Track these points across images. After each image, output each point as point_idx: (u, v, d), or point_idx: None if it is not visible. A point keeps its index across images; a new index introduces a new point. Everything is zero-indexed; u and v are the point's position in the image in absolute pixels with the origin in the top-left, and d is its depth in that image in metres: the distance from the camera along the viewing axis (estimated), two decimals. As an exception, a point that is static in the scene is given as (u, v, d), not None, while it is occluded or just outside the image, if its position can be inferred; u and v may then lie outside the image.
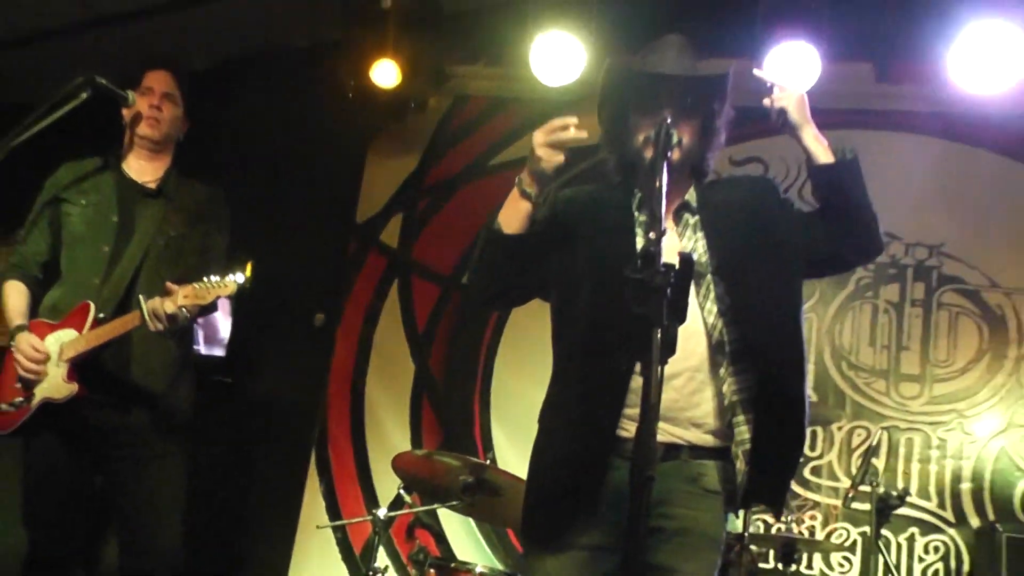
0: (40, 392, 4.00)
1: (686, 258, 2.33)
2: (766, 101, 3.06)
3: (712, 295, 2.89)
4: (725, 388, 2.85)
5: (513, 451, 5.78)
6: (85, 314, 4.02)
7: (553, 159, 2.85)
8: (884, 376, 5.82)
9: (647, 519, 2.35)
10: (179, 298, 3.89)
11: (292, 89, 6.22)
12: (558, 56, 5.66)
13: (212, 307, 4.02)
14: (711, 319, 2.87)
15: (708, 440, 2.88)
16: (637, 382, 2.57)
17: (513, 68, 5.91)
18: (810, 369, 5.67)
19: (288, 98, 6.22)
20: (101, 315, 4.01)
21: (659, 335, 2.24)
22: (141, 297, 3.92)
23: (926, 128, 6.06)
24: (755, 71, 3.06)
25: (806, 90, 5.33)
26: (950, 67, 5.48)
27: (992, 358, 5.79)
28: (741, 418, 2.85)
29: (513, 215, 2.93)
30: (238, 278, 3.92)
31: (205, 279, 3.90)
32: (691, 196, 3.05)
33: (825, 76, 5.52)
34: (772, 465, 2.87)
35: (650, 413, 2.24)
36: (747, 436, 2.84)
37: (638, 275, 2.27)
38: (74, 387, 3.98)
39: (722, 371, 2.86)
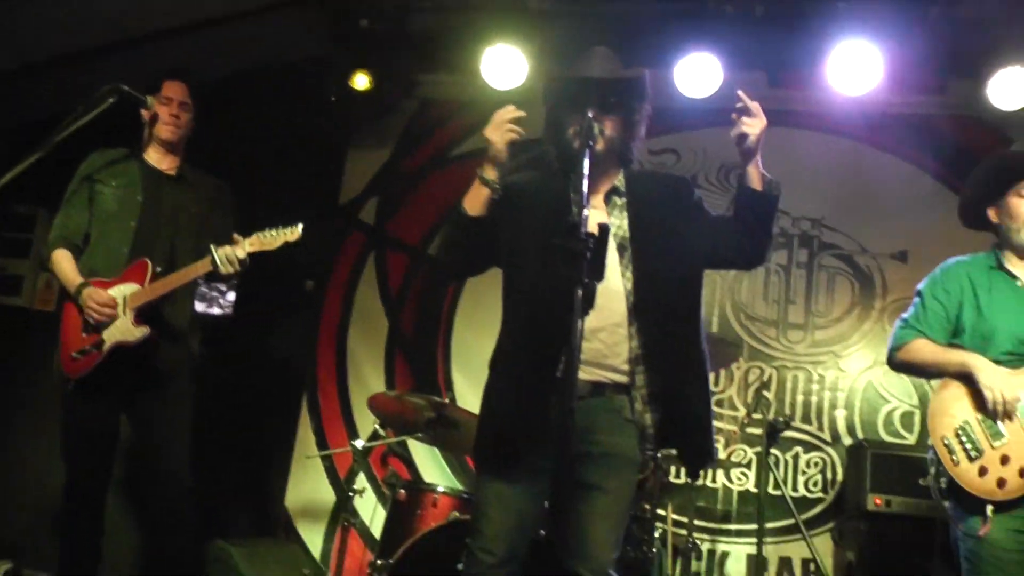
0: (110, 337, 3.97)
1: (603, 228, 2.41)
2: (738, 127, 2.95)
3: (631, 265, 2.95)
4: (633, 342, 2.92)
5: (470, 392, 5.87)
6: (144, 270, 4.03)
7: (503, 142, 2.89)
8: (775, 325, 5.94)
9: (571, 444, 2.44)
10: (248, 245, 3.95)
11: (285, 96, 6.23)
12: (505, 65, 5.73)
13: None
14: (629, 284, 2.95)
15: (626, 380, 2.95)
16: None
17: (468, 76, 5.93)
18: (714, 322, 5.84)
19: (282, 103, 6.22)
20: (158, 269, 4.03)
21: (580, 291, 2.30)
22: (213, 246, 3.94)
23: (809, 125, 6.16)
24: (739, 92, 2.97)
25: (710, 93, 5.51)
26: (827, 75, 5.62)
27: (862, 309, 5.93)
28: (641, 367, 2.93)
29: (475, 200, 2.98)
30: (299, 227, 3.97)
31: (268, 229, 3.97)
32: (620, 182, 3.11)
33: (727, 82, 5.63)
34: (677, 416, 2.95)
35: (572, 356, 2.30)
36: (643, 382, 2.92)
37: (563, 242, 2.34)
38: (146, 329, 3.99)
39: (633, 328, 2.93)
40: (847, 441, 5.68)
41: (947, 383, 3.17)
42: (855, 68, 5.52)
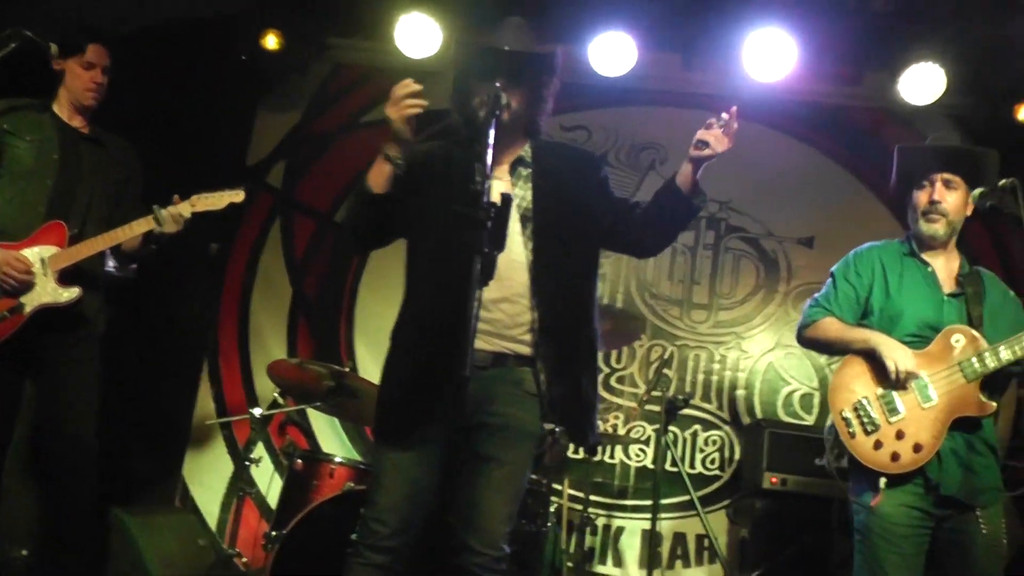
0: (32, 301, 3.82)
1: (506, 197, 2.39)
2: (709, 134, 2.95)
3: (533, 236, 2.94)
4: (534, 314, 2.92)
5: (372, 362, 5.82)
6: (60, 232, 3.89)
7: (402, 119, 2.84)
8: (679, 304, 6.01)
9: (465, 414, 2.42)
10: (195, 205, 3.91)
11: (194, 54, 6.04)
12: (419, 33, 5.66)
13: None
14: (531, 256, 2.93)
15: (528, 351, 2.93)
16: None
17: (382, 43, 5.86)
18: (619, 299, 5.88)
19: (191, 61, 6.04)
20: (75, 231, 3.91)
21: (480, 260, 2.28)
22: (156, 206, 3.87)
23: (721, 109, 6.14)
24: (733, 108, 2.98)
25: (624, 72, 5.53)
26: (742, 61, 5.69)
27: (766, 292, 6.04)
28: (541, 340, 2.92)
29: (378, 176, 2.92)
30: (242, 191, 4.00)
31: (213, 192, 3.96)
32: (526, 153, 3.08)
33: (642, 62, 5.68)
34: (569, 391, 2.95)
35: (468, 325, 2.29)
36: (545, 354, 2.92)
37: (465, 210, 2.31)
38: (76, 290, 3.87)
39: (535, 300, 2.92)
40: (746, 420, 5.79)
41: (849, 361, 3.26)
42: (770, 55, 5.59)
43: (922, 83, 5.67)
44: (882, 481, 3.07)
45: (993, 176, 3.27)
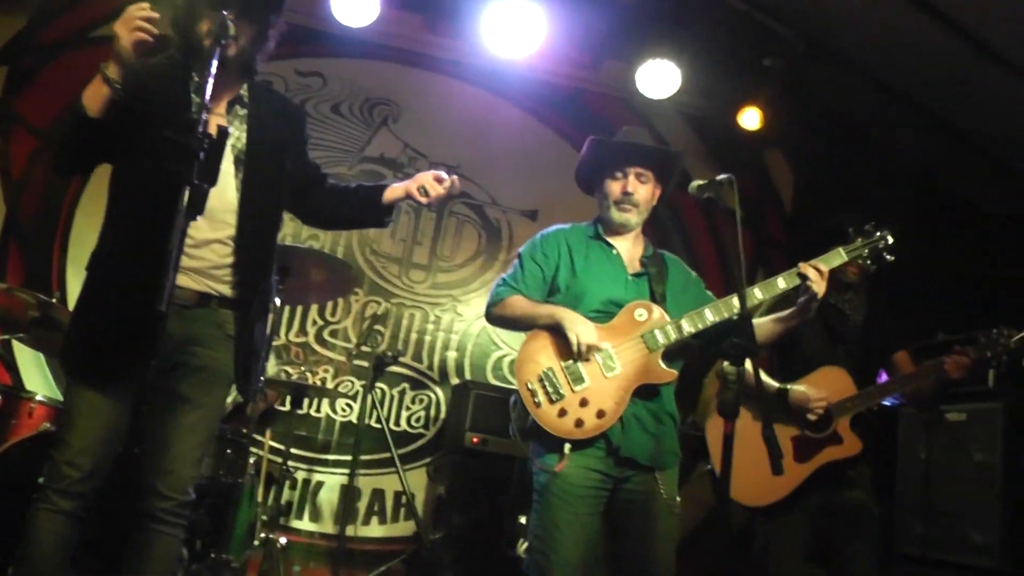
0: None
1: (222, 131, 2.30)
2: (433, 186, 3.00)
3: (243, 179, 2.87)
4: (239, 257, 2.86)
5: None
6: None
7: (130, 41, 2.66)
8: (399, 263, 6.03)
9: (162, 352, 2.31)
10: None
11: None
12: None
13: None
14: (239, 198, 2.86)
15: (231, 294, 2.86)
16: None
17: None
18: (339, 251, 5.83)
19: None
20: None
21: (188, 192, 2.18)
22: None
23: (461, 75, 6.31)
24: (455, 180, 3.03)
25: (366, 24, 5.45)
26: (485, 32, 5.75)
27: (486, 259, 6.19)
28: (239, 281, 2.87)
29: (95, 98, 2.72)
30: None
31: None
32: (244, 92, 2.98)
33: (385, 17, 5.65)
34: (248, 336, 2.90)
35: (168, 257, 2.19)
36: (247, 298, 2.87)
37: (177, 136, 2.21)
38: None
39: (240, 244, 2.86)
40: (454, 381, 5.91)
41: (535, 334, 3.37)
42: (514, 30, 5.68)
43: (658, 78, 5.96)
44: (566, 447, 3.19)
45: (677, 173, 3.55)
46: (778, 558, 3.79)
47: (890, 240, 3.45)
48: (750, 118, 6.22)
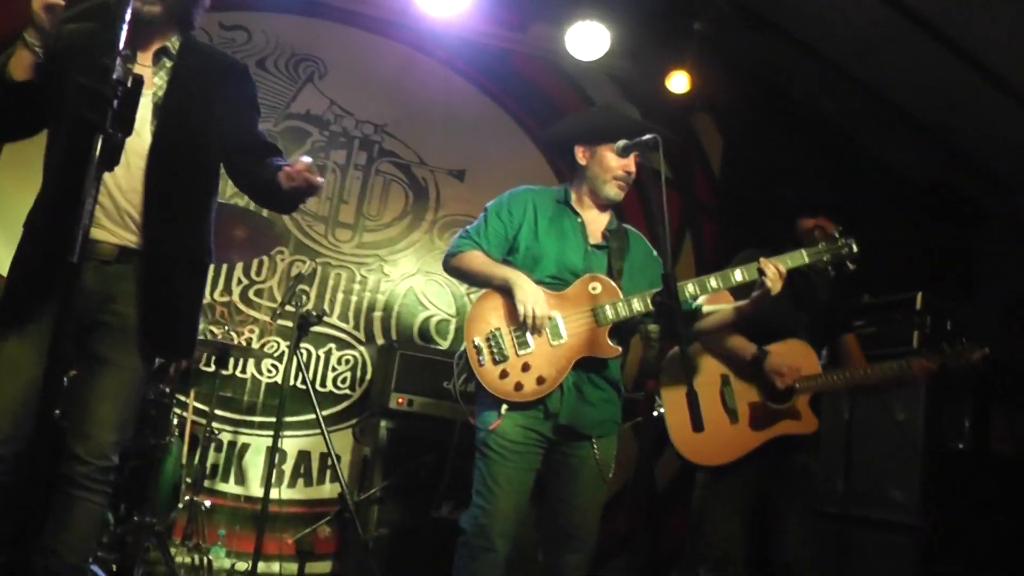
0: None
1: (137, 79, 2.22)
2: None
3: (157, 127, 2.78)
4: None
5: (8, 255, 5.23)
6: None
7: (43, 6, 2.57)
8: (324, 222, 5.95)
9: (79, 308, 2.24)
10: None
11: None
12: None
13: None
14: (151, 146, 2.78)
15: (150, 247, 2.77)
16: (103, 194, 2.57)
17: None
18: (264, 211, 5.69)
19: None
20: None
21: (101, 140, 2.11)
22: None
23: (389, 34, 6.24)
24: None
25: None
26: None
27: (413, 219, 6.13)
28: (152, 236, 2.79)
29: (19, 64, 2.66)
30: None
31: None
32: (173, 44, 2.89)
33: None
34: (170, 301, 2.83)
35: (80, 209, 2.11)
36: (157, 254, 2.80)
37: (90, 83, 2.13)
38: None
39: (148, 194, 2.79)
40: (380, 341, 5.87)
41: (489, 294, 3.39)
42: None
43: (587, 40, 5.94)
44: (503, 408, 3.25)
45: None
46: (714, 520, 3.83)
47: (854, 249, 3.48)
48: (678, 81, 6.23)
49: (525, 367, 3.25)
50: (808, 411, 3.79)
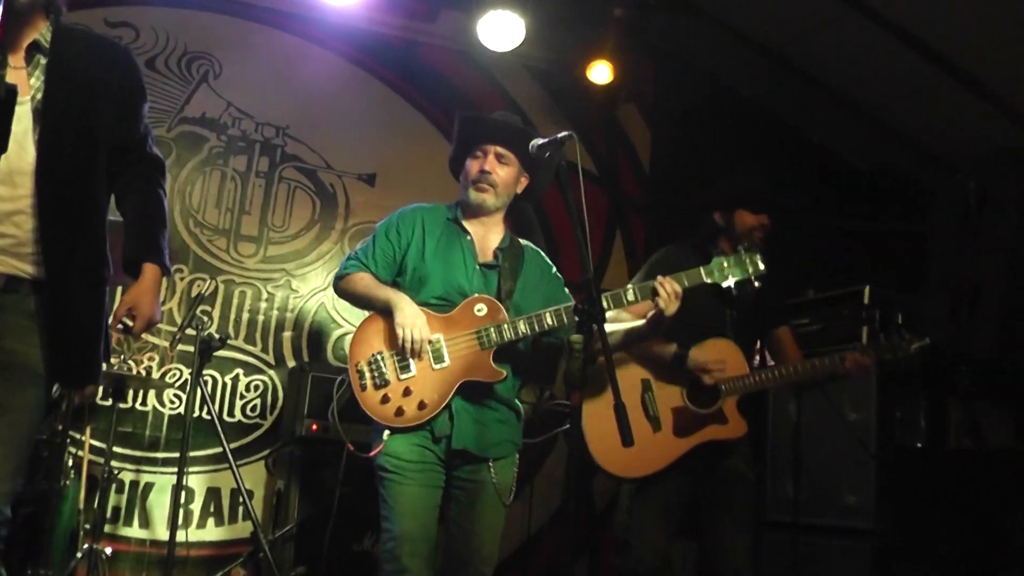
0: None
1: (11, 89, 2.16)
2: None
3: (41, 136, 2.67)
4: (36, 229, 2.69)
5: None
6: None
7: None
8: (226, 235, 5.86)
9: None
10: None
11: None
12: None
13: None
14: (37, 158, 2.67)
15: (43, 272, 2.68)
16: None
17: None
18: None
19: None
20: None
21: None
22: None
23: (282, 24, 6.17)
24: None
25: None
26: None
27: (322, 228, 6.09)
28: (43, 258, 2.70)
29: None
30: None
31: None
32: (43, 37, 2.75)
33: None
34: (70, 325, 2.75)
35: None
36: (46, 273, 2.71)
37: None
38: None
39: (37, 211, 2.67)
40: (291, 363, 5.81)
41: (373, 317, 3.45)
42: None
43: (500, 30, 5.91)
44: (386, 433, 3.31)
45: (550, 166, 3.50)
46: (642, 533, 3.87)
47: (760, 267, 3.50)
48: (600, 72, 6.28)
49: (407, 392, 3.31)
50: (736, 415, 3.83)
